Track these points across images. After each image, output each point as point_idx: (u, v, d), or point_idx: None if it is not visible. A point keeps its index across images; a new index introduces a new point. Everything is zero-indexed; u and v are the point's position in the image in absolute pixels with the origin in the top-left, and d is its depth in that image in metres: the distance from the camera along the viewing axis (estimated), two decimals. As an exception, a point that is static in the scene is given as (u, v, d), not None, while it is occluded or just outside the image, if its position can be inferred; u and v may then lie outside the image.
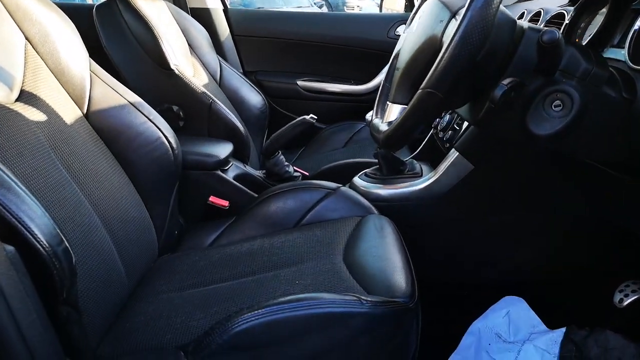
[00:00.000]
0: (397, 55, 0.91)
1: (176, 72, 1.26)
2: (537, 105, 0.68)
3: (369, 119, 1.14)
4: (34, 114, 0.82)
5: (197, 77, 1.48)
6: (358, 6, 11.50)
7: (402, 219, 1.06)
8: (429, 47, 0.72)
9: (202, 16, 1.78)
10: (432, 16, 0.73)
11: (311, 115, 1.19)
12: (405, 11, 1.89)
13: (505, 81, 0.64)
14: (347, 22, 1.87)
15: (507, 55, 0.68)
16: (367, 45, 1.83)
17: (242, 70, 1.89)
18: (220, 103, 1.29)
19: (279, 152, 1.22)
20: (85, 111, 0.96)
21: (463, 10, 0.61)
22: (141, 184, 1.02)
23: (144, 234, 1.01)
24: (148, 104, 1.25)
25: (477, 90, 0.72)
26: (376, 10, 6.74)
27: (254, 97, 1.72)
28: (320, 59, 1.88)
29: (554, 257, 1.11)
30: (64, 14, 0.96)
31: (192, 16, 1.69)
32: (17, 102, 0.80)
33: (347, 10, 11.66)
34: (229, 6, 1.88)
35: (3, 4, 0.86)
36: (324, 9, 8.80)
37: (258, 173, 1.26)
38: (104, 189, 0.90)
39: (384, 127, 0.77)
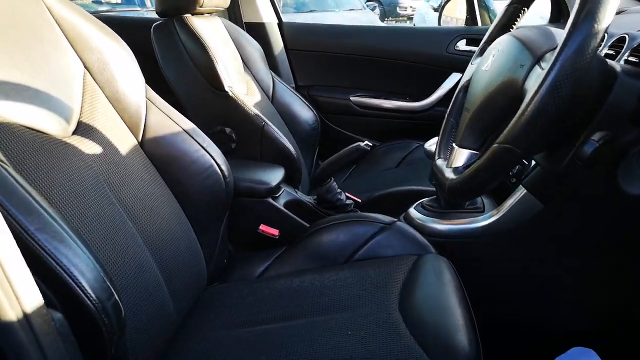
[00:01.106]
0: (464, 89, 0.84)
1: (230, 94, 1.25)
2: (631, 161, 0.60)
3: (430, 149, 1.08)
4: (90, 147, 0.81)
5: (250, 95, 1.47)
6: (411, 6, 11.31)
7: (461, 257, 0.99)
8: (506, 92, 0.65)
9: (257, 30, 1.77)
10: (510, 57, 0.66)
11: (366, 142, 1.14)
12: (466, 24, 1.80)
13: (596, 137, 0.56)
14: (404, 36, 1.80)
15: (596, 102, 0.61)
16: (424, 60, 1.76)
17: (294, 85, 1.87)
18: (273, 126, 1.27)
19: (331, 179, 1.18)
20: (140, 139, 0.95)
21: (550, 56, 0.54)
22: (192, 212, 1.01)
23: (194, 264, 0.99)
24: (201, 125, 1.24)
25: (558, 139, 0.64)
26: (430, 13, 6.57)
27: (305, 113, 1.69)
28: (374, 73, 1.83)
29: (631, 306, 1.01)
30: (122, 41, 0.96)
31: (246, 30, 1.68)
32: (74, 135, 0.80)
33: (400, 11, 11.49)
34: (282, 18, 1.85)
35: (64, 33, 0.87)
36: (377, 11, 8.68)
37: (309, 199, 1.23)
38: (156, 220, 0.89)
39: (449, 173, 0.71)
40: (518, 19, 0.86)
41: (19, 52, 0.75)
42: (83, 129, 0.82)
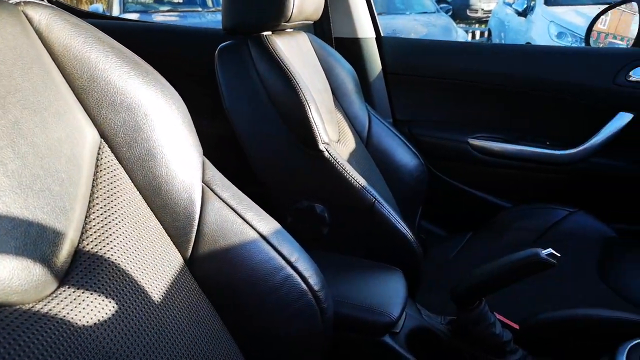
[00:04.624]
0: None
1: (326, 154, 0.83)
2: None
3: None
4: (86, 311, 0.42)
5: (342, 143, 1.05)
6: (482, 9, 10.59)
7: None
8: None
9: (349, 48, 1.35)
10: None
11: (550, 250, 0.69)
12: (638, 44, 1.30)
13: None
14: (549, 59, 1.31)
15: None
16: (577, 92, 1.27)
17: (391, 119, 1.44)
18: (385, 204, 0.84)
19: (482, 302, 0.74)
20: (188, 255, 0.56)
21: None
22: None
23: None
24: (280, 195, 0.84)
25: None
26: (513, 18, 5.91)
27: (409, 160, 1.26)
28: (502, 108, 1.36)
29: None
30: (167, 85, 0.57)
31: (336, 48, 1.27)
32: (59, 292, 0.41)
33: (470, 13, 10.80)
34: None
35: (67, 80, 0.48)
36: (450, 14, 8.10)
37: (439, 325, 0.79)
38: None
39: None
40: None
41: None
42: (81, 271, 0.43)
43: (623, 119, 1.22)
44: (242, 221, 0.59)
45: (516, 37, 5.67)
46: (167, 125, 0.54)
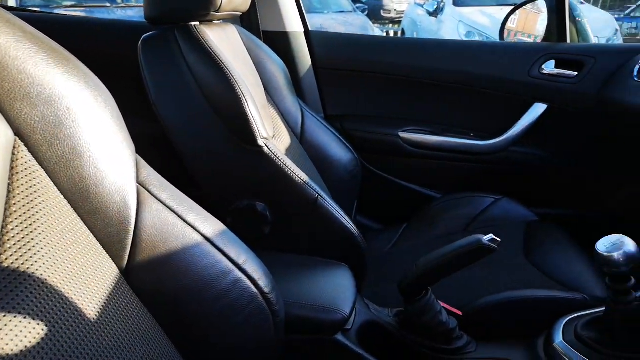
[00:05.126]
0: None
1: (265, 150, 0.80)
2: None
3: (606, 257, 0.67)
4: (7, 334, 0.35)
5: (278, 138, 1.02)
6: (396, 10, 10.95)
7: None
8: None
9: (277, 42, 1.31)
10: None
11: (492, 235, 0.72)
12: (547, 39, 1.39)
13: None
14: (471, 53, 1.37)
15: None
16: (497, 85, 1.34)
17: (322, 115, 1.42)
18: (328, 199, 0.82)
19: (428, 292, 0.74)
20: (124, 265, 0.50)
21: None
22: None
23: None
24: (218, 195, 0.79)
25: None
26: (424, 19, 6.18)
27: (343, 155, 1.25)
28: (430, 101, 1.40)
29: None
30: (96, 78, 0.51)
31: (264, 42, 1.23)
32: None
33: (384, 14, 11.11)
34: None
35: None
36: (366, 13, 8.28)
37: (387, 317, 0.79)
38: None
39: None
40: None
41: None
42: (0, 291, 0.36)
43: (538, 109, 1.31)
44: (184, 223, 0.54)
45: (428, 36, 5.94)
46: (93, 119, 0.48)
